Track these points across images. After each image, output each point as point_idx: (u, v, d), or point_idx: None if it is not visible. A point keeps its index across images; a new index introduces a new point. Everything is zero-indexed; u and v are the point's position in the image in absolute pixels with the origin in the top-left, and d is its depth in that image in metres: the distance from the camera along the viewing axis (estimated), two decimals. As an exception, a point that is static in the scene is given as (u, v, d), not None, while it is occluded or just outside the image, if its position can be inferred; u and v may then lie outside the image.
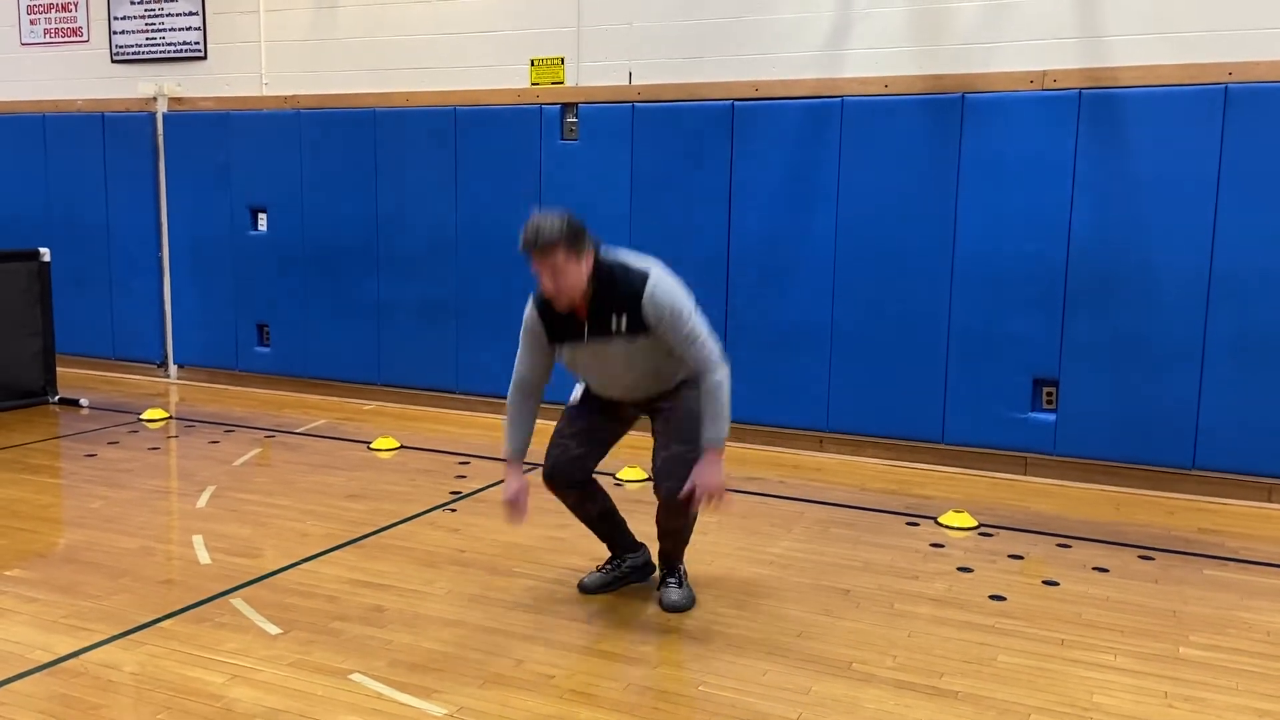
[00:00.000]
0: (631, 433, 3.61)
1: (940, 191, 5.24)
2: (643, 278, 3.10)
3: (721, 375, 3.12)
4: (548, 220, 3.05)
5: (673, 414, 3.29)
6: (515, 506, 3.35)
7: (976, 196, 5.18)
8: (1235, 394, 4.80)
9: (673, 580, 3.48)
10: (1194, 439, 4.89)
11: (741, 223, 5.68)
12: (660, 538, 3.45)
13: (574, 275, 3.06)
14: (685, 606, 3.43)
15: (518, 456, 3.39)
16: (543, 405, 3.44)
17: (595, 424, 3.41)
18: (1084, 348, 5.05)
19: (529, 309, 3.29)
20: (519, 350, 3.36)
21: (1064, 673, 3.03)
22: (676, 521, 3.34)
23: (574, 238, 3.05)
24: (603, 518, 3.54)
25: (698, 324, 3.12)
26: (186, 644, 3.12)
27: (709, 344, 3.14)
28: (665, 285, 3.11)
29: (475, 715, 2.74)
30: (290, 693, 2.83)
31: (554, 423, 3.49)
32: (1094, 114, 4.92)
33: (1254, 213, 4.70)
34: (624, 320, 3.11)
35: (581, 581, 3.60)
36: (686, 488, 3.13)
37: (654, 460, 3.30)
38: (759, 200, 5.62)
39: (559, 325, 3.24)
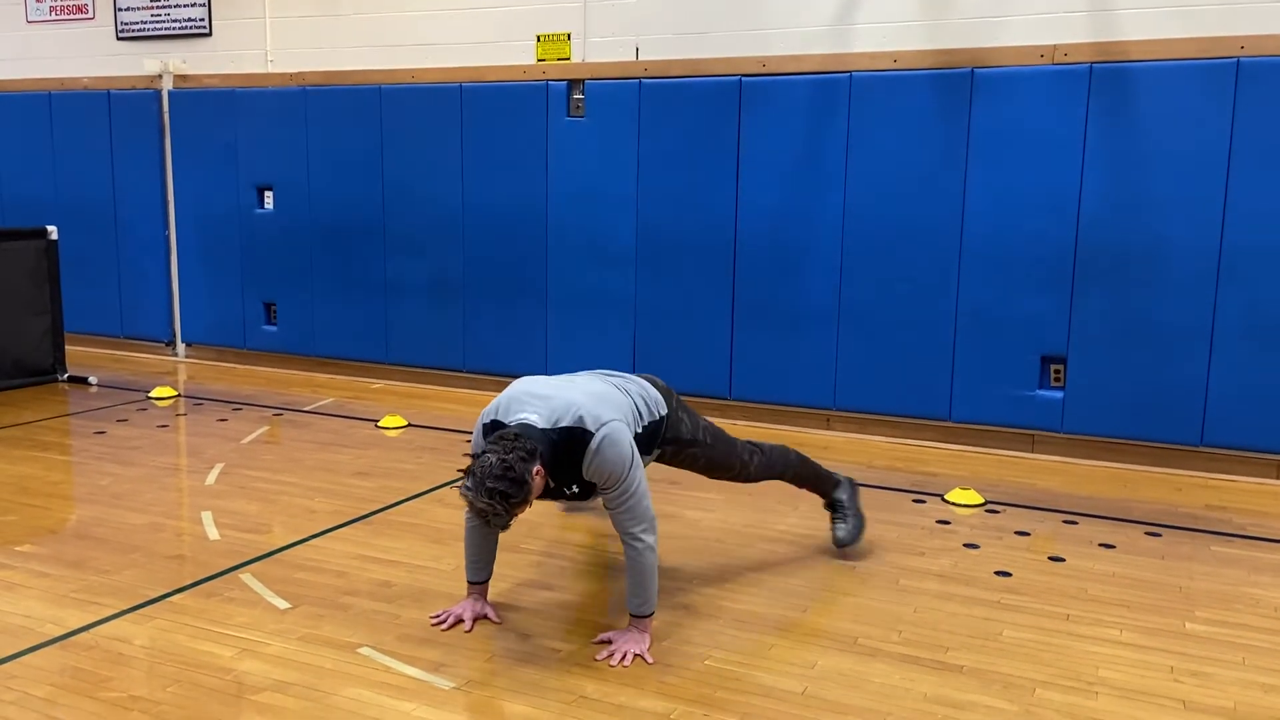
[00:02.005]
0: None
1: (949, 167, 5.21)
2: (583, 445, 2.80)
3: (644, 544, 2.90)
4: (485, 502, 2.67)
5: (690, 446, 3.41)
6: (468, 621, 3.12)
7: (986, 172, 5.14)
8: (1244, 370, 4.78)
9: (839, 517, 3.76)
10: (1202, 416, 4.87)
11: (749, 199, 5.66)
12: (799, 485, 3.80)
13: (532, 500, 2.75)
14: (854, 540, 3.73)
15: (483, 582, 3.19)
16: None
17: None
18: (1093, 325, 5.03)
19: (477, 438, 3.00)
20: None
21: (1069, 647, 3.03)
22: (785, 473, 3.68)
23: (516, 493, 2.67)
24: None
25: (630, 486, 2.86)
26: (196, 618, 3.15)
27: (638, 509, 2.89)
28: (604, 450, 2.81)
29: (482, 688, 2.76)
30: (300, 666, 2.85)
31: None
32: (1104, 89, 4.88)
33: (1265, 188, 4.66)
34: (575, 487, 2.93)
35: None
36: (604, 652, 2.92)
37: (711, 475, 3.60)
38: (767, 176, 5.60)
39: None
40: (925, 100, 5.22)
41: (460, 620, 3.13)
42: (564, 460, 2.83)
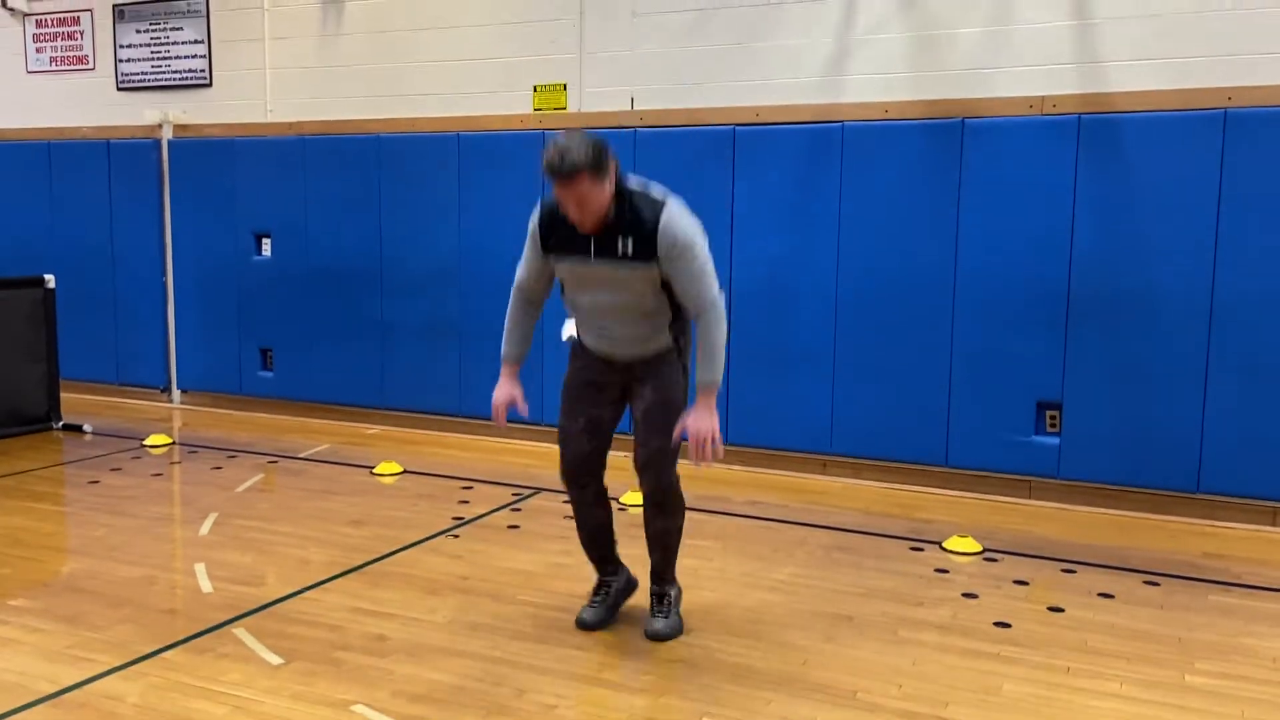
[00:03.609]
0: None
1: (941, 215, 5.26)
2: (660, 205, 3.08)
3: (717, 315, 3.12)
4: (573, 143, 2.95)
5: (652, 404, 3.28)
6: (500, 410, 3.39)
7: (978, 220, 5.19)
8: (1239, 416, 4.79)
9: (660, 611, 3.46)
10: (1198, 462, 4.88)
11: (743, 247, 5.70)
12: (650, 548, 3.45)
13: (598, 200, 3.01)
14: (669, 636, 3.40)
15: (514, 360, 3.42)
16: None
17: (594, 416, 3.38)
18: (1087, 370, 5.05)
19: (534, 214, 3.25)
20: (523, 254, 3.35)
21: (1069, 702, 3.01)
22: (663, 521, 3.38)
23: (599, 161, 2.96)
24: (602, 528, 3.52)
25: (706, 261, 3.12)
26: (189, 675, 3.12)
27: (712, 283, 3.13)
28: (681, 216, 3.09)
29: (478, 747, 2.73)
30: (293, 724, 2.82)
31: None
32: (1094, 139, 4.94)
33: (1255, 235, 4.71)
34: (630, 245, 3.08)
35: (580, 619, 3.52)
36: (676, 431, 3.15)
37: (635, 457, 3.32)
38: (761, 224, 5.64)
39: (561, 238, 3.19)
40: (917, 149, 5.29)
41: (501, 416, 3.37)
42: (633, 210, 3.03)
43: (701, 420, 3.10)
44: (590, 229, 3.10)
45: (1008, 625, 3.58)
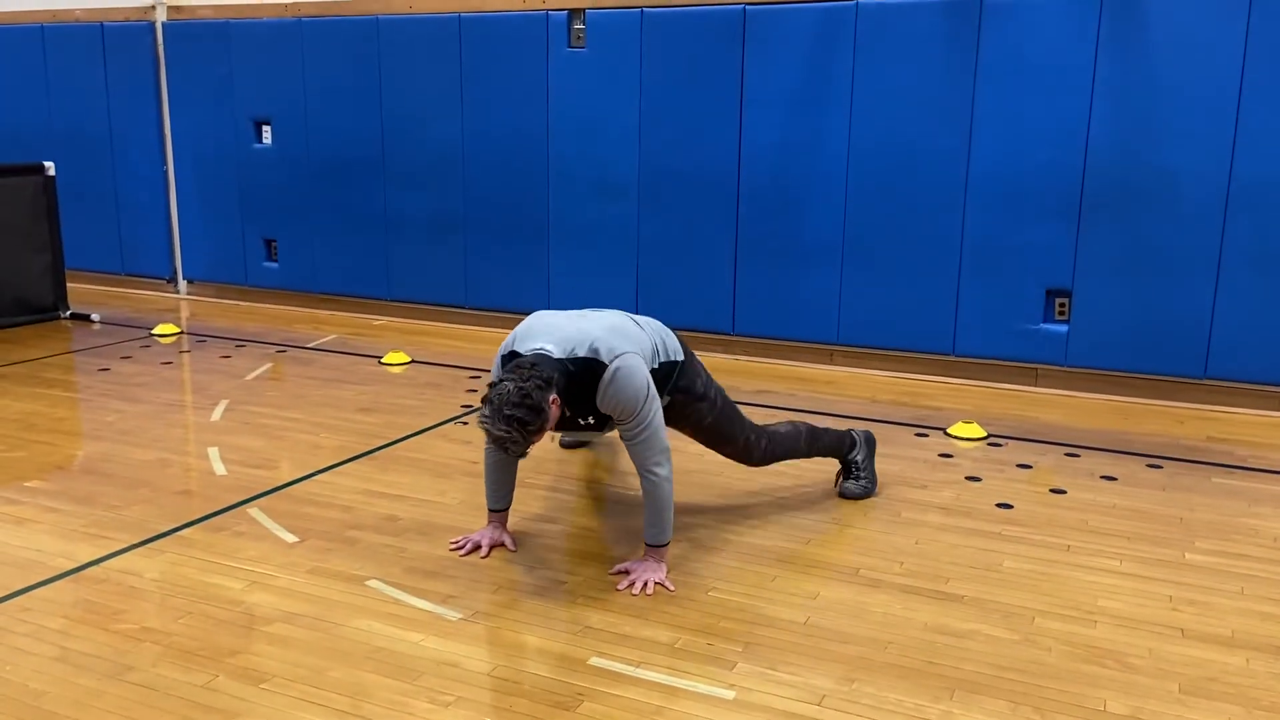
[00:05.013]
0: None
1: (956, 97, 5.12)
2: (598, 376, 2.82)
3: (660, 476, 2.94)
4: (504, 430, 2.67)
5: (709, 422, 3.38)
6: (486, 549, 3.19)
7: (994, 102, 5.06)
8: (1249, 303, 4.76)
9: (850, 477, 3.74)
10: (1206, 348, 4.86)
11: (753, 132, 5.58)
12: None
13: (548, 428, 2.77)
14: (854, 497, 3.70)
15: (502, 510, 3.24)
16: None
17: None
18: (1099, 257, 4.99)
19: (496, 370, 3.00)
20: None
21: (1069, 577, 3.06)
22: (789, 457, 3.62)
23: (533, 420, 2.68)
24: None
25: (646, 419, 2.89)
26: (206, 551, 3.18)
27: (653, 441, 2.92)
28: (620, 382, 2.83)
29: (489, 619, 2.79)
30: (308, 598, 2.89)
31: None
32: (1115, 11, 4.77)
33: (1276, 118, 4.58)
34: (590, 418, 2.95)
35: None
36: (624, 582, 2.99)
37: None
38: (771, 108, 5.51)
39: None
40: (933, 27, 5.11)
41: (478, 547, 3.18)
42: (579, 391, 2.84)
43: (648, 570, 2.99)
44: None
45: (1010, 506, 3.63)
